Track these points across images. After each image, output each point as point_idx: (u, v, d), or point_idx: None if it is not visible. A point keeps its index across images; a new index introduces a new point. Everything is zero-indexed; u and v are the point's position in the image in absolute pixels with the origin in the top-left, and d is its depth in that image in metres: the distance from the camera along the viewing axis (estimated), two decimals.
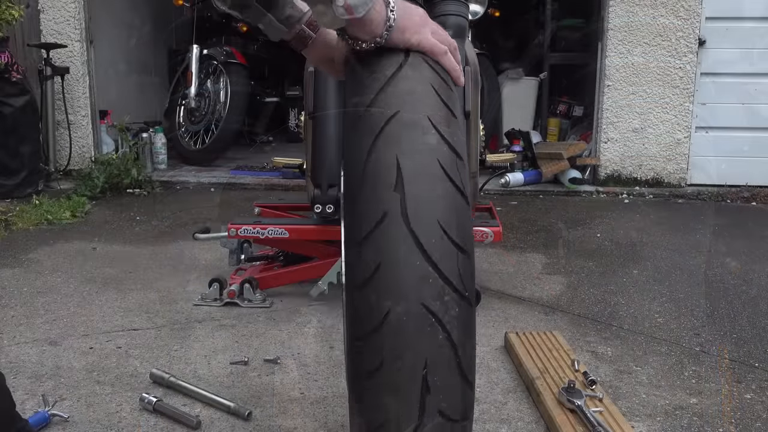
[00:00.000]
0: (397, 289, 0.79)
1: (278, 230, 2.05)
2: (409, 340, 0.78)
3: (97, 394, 1.50)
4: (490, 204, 2.46)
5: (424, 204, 0.81)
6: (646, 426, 1.39)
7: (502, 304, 2.13)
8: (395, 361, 0.79)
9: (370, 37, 0.87)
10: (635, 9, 4.09)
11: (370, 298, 0.80)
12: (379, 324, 0.79)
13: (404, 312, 0.78)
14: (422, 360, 0.78)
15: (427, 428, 0.81)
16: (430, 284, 0.79)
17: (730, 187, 4.19)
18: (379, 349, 0.79)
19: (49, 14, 4.28)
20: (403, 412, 0.80)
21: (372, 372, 0.80)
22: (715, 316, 2.05)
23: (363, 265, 0.81)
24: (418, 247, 0.79)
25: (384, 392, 0.80)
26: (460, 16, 1.89)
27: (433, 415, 0.80)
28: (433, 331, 0.79)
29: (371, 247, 0.81)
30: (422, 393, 0.79)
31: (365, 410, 0.83)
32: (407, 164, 0.82)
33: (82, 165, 4.32)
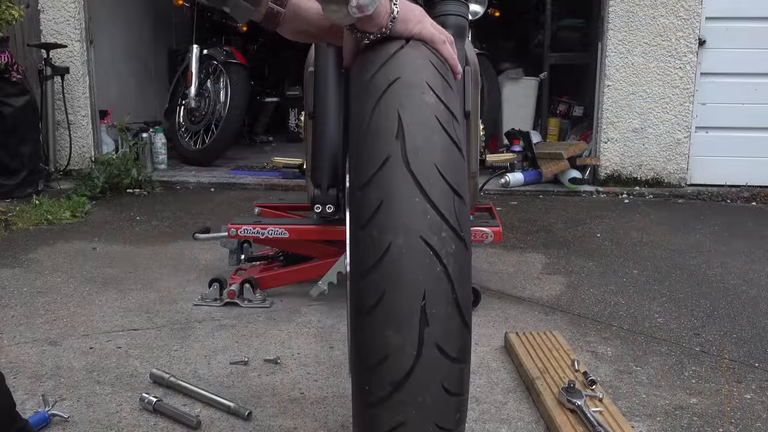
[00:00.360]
0: (397, 224, 0.84)
1: (278, 230, 2.05)
2: (409, 272, 0.83)
3: (97, 394, 1.50)
4: (490, 204, 2.46)
5: (422, 150, 0.88)
6: (646, 426, 1.39)
7: (502, 304, 2.13)
8: (395, 292, 0.83)
9: (377, 29, 0.95)
10: (635, 9, 4.09)
11: (373, 234, 0.85)
12: (380, 257, 0.84)
13: (404, 244, 0.83)
14: (421, 291, 0.83)
15: (426, 362, 0.84)
16: (429, 219, 0.85)
17: (730, 187, 4.19)
18: (380, 282, 0.84)
19: (49, 14, 4.28)
20: (402, 345, 0.83)
21: (373, 306, 0.85)
22: (715, 316, 2.05)
23: (366, 205, 0.87)
24: (417, 186, 0.85)
25: (384, 326, 0.84)
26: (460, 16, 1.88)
27: (431, 349, 0.84)
28: (431, 263, 0.84)
29: (374, 188, 0.87)
30: (421, 325, 0.83)
31: (366, 347, 0.87)
32: (407, 117, 0.89)
33: (82, 165, 4.32)
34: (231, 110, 4.63)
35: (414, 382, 0.85)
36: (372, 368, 0.87)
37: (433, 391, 0.86)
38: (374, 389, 0.87)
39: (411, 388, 0.85)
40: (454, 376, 0.87)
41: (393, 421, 0.86)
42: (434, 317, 0.84)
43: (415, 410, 0.86)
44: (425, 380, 0.85)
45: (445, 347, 0.85)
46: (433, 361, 0.85)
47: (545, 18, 4.92)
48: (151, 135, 4.60)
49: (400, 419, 0.86)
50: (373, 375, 0.87)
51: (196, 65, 4.75)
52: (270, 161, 4.64)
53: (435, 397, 0.86)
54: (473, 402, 1.47)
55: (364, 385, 0.88)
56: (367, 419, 0.89)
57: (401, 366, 0.84)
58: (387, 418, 0.87)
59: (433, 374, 0.85)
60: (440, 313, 0.85)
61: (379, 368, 0.85)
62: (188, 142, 4.89)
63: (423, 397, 0.85)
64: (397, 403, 0.85)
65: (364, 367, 0.88)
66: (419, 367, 0.84)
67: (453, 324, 0.86)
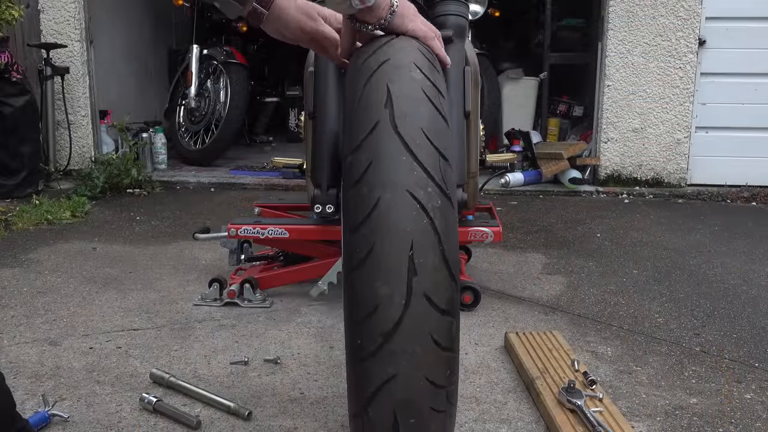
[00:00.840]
0: (385, 180, 0.90)
1: (278, 230, 2.05)
2: (397, 223, 0.88)
3: (97, 394, 1.50)
4: (490, 204, 2.46)
5: (409, 116, 0.94)
6: (646, 426, 1.39)
7: (502, 304, 2.13)
8: (384, 244, 0.88)
9: (376, 20, 1.01)
10: (635, 9, 4.09)
11: (363, 191, 0.91)
12: (369, 212, 0.89)
13: (392, 199, 0.89)
14: (408, 242, 0.88)
15: (414, 312, 0.87)
16: (415, 175, 0.90)
17: (730, 187, 4.19)
18: (370, 235, 0.89)
19: (49, 14, 4.28)
20: (391, 295, 0.87)
21: (363, 259, 0.89)
22: (715, 316, 2.05)
23: (356, 166, 0.93)
24: (404, 147, 0.91)
25: (374, 277, 0.88)
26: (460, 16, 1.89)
27: (420, 298, 0.87)
28: (418, 216, 0.89)
29: (364, 151, 0.93)
30: (409, 275, 0.87)
31: (356, 301, 0.90)
32: (396, 89, 0.95)
33: (82, 165, 4.32)
34: (231, 110, 4.63)
35: (403, 333, 0.87)
36: (362, 321, 0.89)
37: (422, 342, 0.88)
38: (365, 342, 0.89)
39: (400, 339, 0.87)
40: (443, 329, 0.90)
41: (384, 374, 0.88)
42: (422, 267, 0.88)
43: (406, 362, 0.88)
44: (414, 330, 0.87)
45: (433, 297, 0.88)
46: (422, 311, 0.88)
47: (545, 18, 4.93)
48: (151, 135, 4.60)
49: (391, 372, 0.88)
50: (363, 327, 0.89)
51: (196, 65, 4.75)
52: (270, 161, 4.65)
53: (424, 349, 0.88)
54: (473, 402, 1.47)
55: (356, 339, 0.91)
56: (360, 374, 0.91)
57: (390, 316, 0.87)
58: (378, 371, 0.89)
59: (421, 324, 0.88)
60: (427, 264, 0.88)
61: (369, 320, 0.88)
62: (188, 142, 4.89)
63: (413, 347, 0.88)
64: (388, 354, 0.88)
65: (355, 321, 0.91)
66: (408, 316, 0.87)
67: (440, 275, 0.89)
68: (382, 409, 0.90)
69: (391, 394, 0.89)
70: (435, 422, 0.93)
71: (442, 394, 0.92)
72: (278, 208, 2.55)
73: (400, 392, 0.89)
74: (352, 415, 0.96)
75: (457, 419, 1.39)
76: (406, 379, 0.88)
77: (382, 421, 0.90)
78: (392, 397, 0.89)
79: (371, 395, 0.90)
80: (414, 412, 0.90)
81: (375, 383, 0.89)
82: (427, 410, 0.91)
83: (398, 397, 0.89)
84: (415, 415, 0.91)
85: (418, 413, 0.90)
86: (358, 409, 0.93)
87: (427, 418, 0.91)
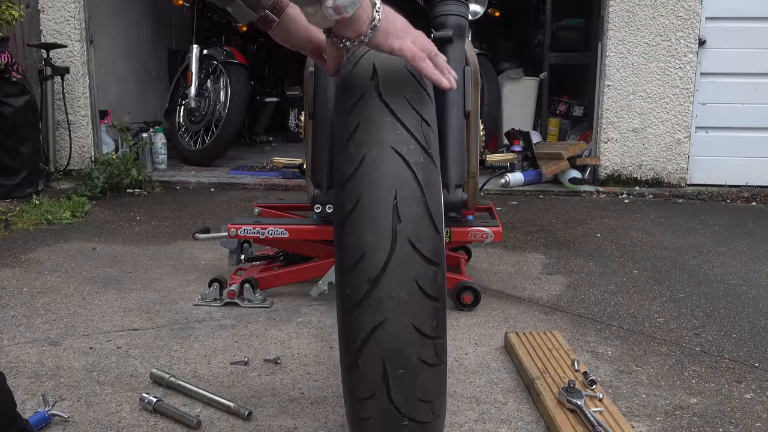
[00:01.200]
0: (371, 139, 0.96)
1: (278, 230, 2.05)
2: (381, 175, 0.94)
3: (97, 394, 1.50)
4: (490, 204, 2.46)
5: (394, 87, 1.00)
6: (646, 426, 1.39)
7: (502, 304, 2.13)
8: (369, 194, 0.93)
9: (355, 35, 0.95)
10: (635, 9, 4.09)
11: (350, 150, 0.97)
12: (356, 168, 0.96)
13: (377, 154, 0.95)
14: (392, 191, 0.93)
15: (399, 257, 0.92)
16: (398, 134, 0.96)
17: (730, 187, 4.19)
18: (357, 188, 0.95)
19: (49, 14, 4.28)
20: (377, 241, 0.92)
21: (350, 211, 0.94)
22: (715, 316, 2.05)
23: (345, 129, 1.00)
24: (389, 110, 0.98)
25: (361, 226, 0.93)
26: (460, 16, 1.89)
27: (404, 244, 0.92)
28: (401, 169, 0.95)
29: (352, 117, 0.99)
30: (393, 222, 0.92)
31: (345, 252, 0.95)
32: (381, 66, 1.02)
33: (82, 165, 4.32)
34: (231, 110, 4.63)
35: (389, 278, 0.91)
36: (351, 269, 0.94)
37: (408, 287, 0.92)
38: (353, 290, 0.93)
39: (387, 284, 0.92)
40: (429, 277, 0.94)
41: (373, 321, 0.92)
42: (406, 215, 0.93)
43: (393, 308, 0.92)
44: (400, 275, 0.92)
45: (417, 244, 0.93)
46: (407, 257, 0.92)
47: (545, 18, 4.92)
48: (151, 135, 4.60)
49: (379, 318, 0.92)
50: (352, 275, 0.94)
51: (196, 65, 4.75)
52: (270, 161, 4.64)
53: (411, 294, 0.92)
54: (473, 402, 1.47)
55: (345, 289, 0.95)
56: (349, 324, 0.95)
57: (377, 261, 0.91)
58: (367, 319, 0.93)
59: (406, 269, 0.92)
60: (411, 212, 0.93)
61: (357, 267, 0.93)
62: (188, 142, 4.89)
63: (399, 293, 0.92)
64: (376, 300, 0.92)
65: (344, 272, 0.95)
66: (393, 262, 0.91)
67: (424, 224, 0.94)
68: (371, 359, 0.93)
69: (379, 343, 0.93)
70: (423, 375, 0.96)
71: (430, 346, 0.95)
72: (278, 208, 2.55)
73: (388, 340, 0.92)
74: (344, 372, 0.99)
75: (457, 419, 1.39)
76: (393, 325, 0.92)
77: (372, 372, 0.94)
78: (381, 345, 0.93)
79: (361, 344, 0.93)
80: (402, 362, 0.94)
81: (364, 331, 0.93)
82: (416, 361, 0.94)
83: (387, 346, 0.93)
84: (403, 366, 0.94)
85: (406, 363, 0.94)
86: (349, 362, 0.96)
87: (415, 369, 0.94)
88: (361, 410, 0.97)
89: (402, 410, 0.95)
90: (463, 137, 1.85)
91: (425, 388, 0.96)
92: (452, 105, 1.83)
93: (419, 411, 0.97)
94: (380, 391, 0.94)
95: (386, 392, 0.94)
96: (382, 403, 0.95)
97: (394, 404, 0.95)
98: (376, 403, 0.95)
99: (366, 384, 0.95)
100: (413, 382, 0.95)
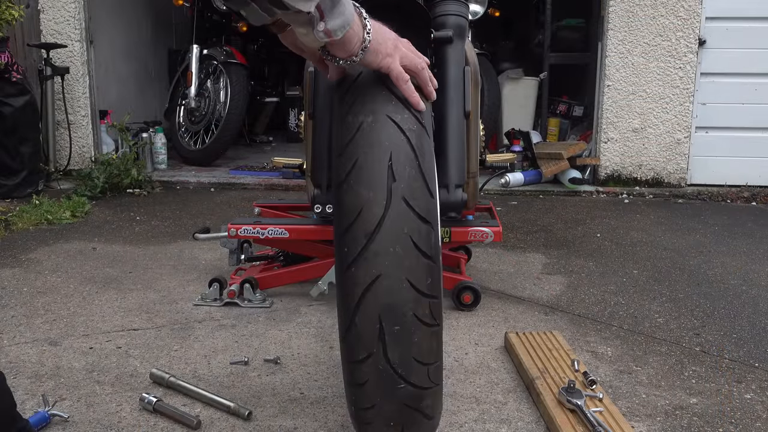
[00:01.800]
0: (367, 109, 1.02)
1: (278, 230, 2.05)
2: (377, 139, 1.00)
3: (97, 394, 1.50)
4: (490, 204, 2.46)
5: None
6: (646, 426, 1.39)
7: (502, 304, 2.13)
8: (366, 156, 0.99)
9: (347, 55, 0.99)
10: (635, 9, 4.09)
11: (348, 119, 1.03)
12: (354, 134, 1.01)
13: (373, 120, 1.01)
14: (387, 153, 0.99)
15: (394, 213, 0.96)
16: (393, 104, 1.02)
17: (730, 187, 4.19)
18: (354, 151, 1.00)
19: (49, 14, 4.28)
20: (373, 197, 0.97)
21: (348, 172, 0.99)
22: (715, 316, 2.05)
23: (345, 104, 1.05)
24: (385, 87, 1.04)
25: (358, 185, 0.98)
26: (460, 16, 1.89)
27: (399, 201, 0.97)
28: (396, 134, 1.00)
29: (350, 94, 1.06)
30: (389, 181, 0.97)
31: (343, 211, 0.99)
32: None
33: (82, 165, 4.32)
34: (231, 110, 4.63)
35: (385, 233, 0.96)
36: (348, 228, 0.98)
37: (402, 243, 0.96)
38: (351, 247, 0.97)
39: (382, 239, 0.96)
40: (422, 234, 0.98)
41: (369, 276, 0.96)
42: (400, 175, 0.98)
43: (388, 262, 0.96)
44: (395, 231, 0.96)
45: (411, 202, 0.97)
46: (401, 213, 0.96)
47: (545, 18, 4.92)
48: (151, 135, 4.60)
49: (375, 272, 0.96)
50: (349, 233, 0.98)
51: (196, 65, 4.75)
52: (270, 161, 4.64)
53: (405, 250, 0.96)
54: (473, 402, 1.47)
55: (343, 248, 0.99)
56: (347, 281, 0.99)
57: (373, 216, 0.96)
58: (364, 274, 0.96)
59: (401, 225, 0.96)
60: (405, 173, 0.98)
61: (354, 225, 0.97)
62: (188, 142, 4.89)
63: (394, 247, 0.96)
64: (372, 255, 0.96)
65: (342, 231, 0.99)
66: (388, 218, 0.96)
67: (417, 184, 0.99)
68: (368, 316, 0.96)
69: (376, 298, 0.96)
70: (419, 334, 0.98)
71: (426, 304, 0.98)
72: (278, 208, 2.55)
73: (384, 296, 0.96)
74: (342, 335, 1.01)
75: (457, 419, 1.39)
76: (389, 280, 0.96)
77: (369, 330, 0.97)
78: (377, 300, 0.96)
79: (358, 301, 0.96)
80: (398, 319, 0.96)
81: (361, 287, 0.96)
82: (411, 318, 0.97)
83: (382, 302, 0.96)
84: (399, 322, 0.96)
85: (402, 320, 0.96)
86: (347, 322, 0.99)
87: (411, 327, 0.97)
88: (358, 373, 0.99)
89: (398, 371, 0.98)
90: (463, 137, 1.85)
91: (421, 348, 0.98)
92: (452, 105, 1.83)
93: (415, 373, 0.99)
94: (377, 349, 0.97)
95: (383, 351, 0.97)
96: (378, 362, 0.97)
97: (390, 364, 0.97)
98: (372, 363, 0.98)
99: (363, 343, 0.97)
100: (409, 340, 0.97)
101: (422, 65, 1.08)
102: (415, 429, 1.04)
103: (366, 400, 1.01)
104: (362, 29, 0.98)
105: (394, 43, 1.04)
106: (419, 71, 1.07)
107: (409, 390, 0.99)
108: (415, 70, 1.06)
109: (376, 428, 1.03)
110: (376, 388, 0.99)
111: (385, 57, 1.02)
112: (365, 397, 1.01)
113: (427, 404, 1.03)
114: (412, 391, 0.99)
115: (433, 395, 1.03)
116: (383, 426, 1.02)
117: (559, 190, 4.15)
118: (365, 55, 1.00)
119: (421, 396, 1.01)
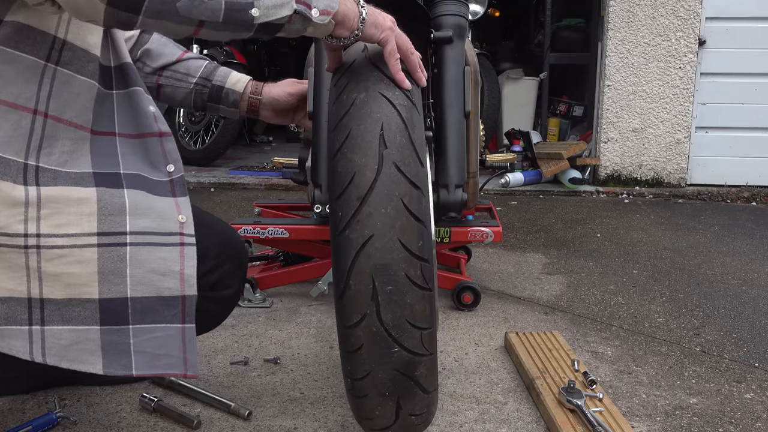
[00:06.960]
0: (360, 86, 1.07)
1: (278, 230, 2.05)
2: (369, 111, 1.04)
3: (97, 394, 1.50)
4: (490, 204, 2.46)
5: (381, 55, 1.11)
6: (646, 426, 1.39)
7: (502, 304, 2.13)
8: (359, 127, 1.03)
9: (349, 31, 1.05)
10: (635, 9, 4.09)
11: (343, 98, 1.08)
12: (348, 108, 1.06)
13: (366, 96, 1.06)
14: (379, 123, 1.03)
15: (386, 177, 1.01)
16: (384, 83, 1.07)
17: (730, 187, 4.19)
18: (348, 123, 1.05)
19: None
20: (366, 163, 1.01)
21: (342, 142, 1.04)
22: (715, 316, 2.05)
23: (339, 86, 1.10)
24: (377, 68, 1.09)
25: (351, 153, 1.03)
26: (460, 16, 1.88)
27: (390, 166, 1.01)
28: (388, 107, 1.05)
29: (345, 76, 1.10)
30: (380, 148, 1.02)
31: (337, 178, 1.04)
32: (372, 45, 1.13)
33: None
34: None
35: (377, 195, 1.00)
36: (342, 193, 1.02)
37: (394, 205, 1.00)
38: (345, 210, 1.01)
39: (375, 200, 0.99)
40: (413, 197, 1.02)
41: (362, 237, 0.99)
42: (391, 143, 1.02)
43: (380, 222, 0.99)
44: (386, 193, 1.00)
45: (402, 167, 1.02)
46: (392, 177, 1.01)
47: (545, 18, 4.93)
48: None
49: (368, 233, 0.99)
50: (343, 198, 1.02)
51: None
52: (270, 161, 4.64)
53: (396, 211, 1.00)
54: (473, 402, 1.47)
55: (337, 212, 1.03)
56: (341, 245, 1.01)
57: (366, 180, 1.00)
58: (357, 235, 1.00)
59: (392, 188, 1.00)
60: (396, 141, 1.03)
61: (348, 189, 1.01)
62: (188, 142, 4.89)
63: (386, 209, 0.99)
64: (365, 216, 0.99)
65: (336, 198, 1.03)
66: (380, 181, 1.00)
67: (407, 152, 1.03)
68: (361, 276, 0.99)
69: (368, 258, 0.98)
70: (412, 295, 1.00)
71: (417, 266, 1.00)
72: (278, 208, 2.55)
73: (376, 255, 0.98)
74: (337, 300, 1.03)
75: (457, 419, 1.39)
76: (381, 240, 0.98)
77: (362, 291, 0.99)
78: (370, 261, 0.98)
79: (351, 262, 0.99)
80: (390, 278, 0.99)
81: (354, 248, 0.99)
82: (403, 278, 0.99)
83: (375, 262, 0.98)
84: (392, 283, 0.99)
85: (394, 280, 0.99)
86: (341, 285, 1.01)
87: (403, 287, 1.00)
88: (353, 338, 1.01)
89: (392, 333, 0.99)
90: (463, 137, 1.85)
91: (414, 311, 1.00)
92: (452, 105, 1.83)
93: (408, 336, 1.00)
94: (370, 311, 0.99)
95: (376, 312, 0.99)
96: (372, 324, 0.99)
97: (384, 325, 0.99)
98: (366, 326, 0.99)
99: (357, 304, 1.00)
100: (402, 301, 0.99)
101: (413, 50, 1.13)
102: (410, 401, 1.05)
103: (360, 368, 1.02)
104: (356, 4, 1.04)
105: (392, 19, 1.10)
106: (409, 55, 1.12)
107: (402, 355, 1.00)
108: (406, 52, 1.12)
109: (371, 400, 1.04)
110: (370, 353, 1.01)
111: (385, 30, 1.07)
112: (359, 365, 1.02)
113: (422, 374, 1.04)
114: (405, 356, 1.01)
115: (428, 365, 1.04)
116: (379, 396, 1.04)
117: (559, 190, 4.15)
118: (365, 28, 1.05)
119: (415, 363, 1.02)
